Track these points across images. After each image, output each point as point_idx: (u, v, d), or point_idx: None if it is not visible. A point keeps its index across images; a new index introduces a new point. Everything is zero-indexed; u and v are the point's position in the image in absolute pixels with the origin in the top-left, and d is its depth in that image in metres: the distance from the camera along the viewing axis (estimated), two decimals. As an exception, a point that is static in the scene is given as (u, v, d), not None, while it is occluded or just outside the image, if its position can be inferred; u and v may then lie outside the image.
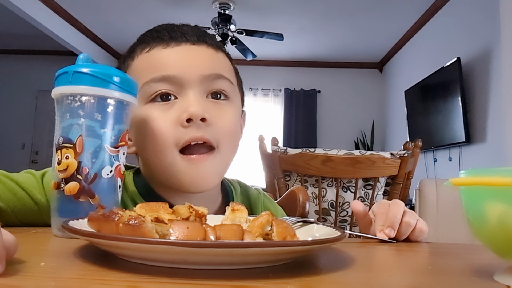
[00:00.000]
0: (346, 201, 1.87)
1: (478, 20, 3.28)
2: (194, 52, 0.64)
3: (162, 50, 0.63)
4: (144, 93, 0.61)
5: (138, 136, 0.63)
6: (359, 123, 5.91)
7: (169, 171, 0.60)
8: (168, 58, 0.63)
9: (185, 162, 0.59)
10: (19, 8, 3.90)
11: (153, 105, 0.61)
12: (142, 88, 0.60)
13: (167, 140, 0.59)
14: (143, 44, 0.65)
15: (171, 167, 0.59)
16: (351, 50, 5.51)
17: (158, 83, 0.60)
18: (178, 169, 0.59)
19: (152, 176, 0.65)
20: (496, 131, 2.96)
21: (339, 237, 0.39)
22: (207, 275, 0.33)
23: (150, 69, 0.62)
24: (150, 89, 0.61)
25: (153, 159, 0.61)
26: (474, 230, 0.37)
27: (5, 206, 0.56)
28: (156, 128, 0.59)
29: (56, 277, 0.32)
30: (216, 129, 0.61)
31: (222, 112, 0.63)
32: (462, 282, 0.37)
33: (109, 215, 0.36)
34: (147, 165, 0.64)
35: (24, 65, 6.12)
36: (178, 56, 0.63)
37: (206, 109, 0.59)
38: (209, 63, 0.64)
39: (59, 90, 0.51)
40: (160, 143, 0.59)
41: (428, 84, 3.99)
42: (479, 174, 0.35)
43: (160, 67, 0.61)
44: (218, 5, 4.24)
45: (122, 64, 0.68)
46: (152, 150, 0.60)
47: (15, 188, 0.57)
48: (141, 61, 0.64)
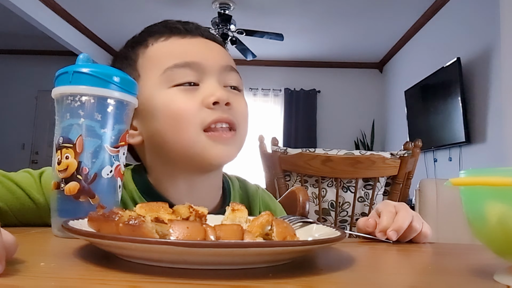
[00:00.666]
0: (346, 201, 1.87)
1: (478, 20, 3.28)
2: (210, 45, 0.69)
3: (180, 39, 0.67)
4: (166, 78, 0.63)
5: (158, 119, 0.63)
6: (359, 123, 5.91)
7: (193, 149, 0.62)
8: (189, 46, 0.67)
9: (210, 139, 0.62)
10: (19, 8, 3.90)
11: (175, 89, 0.63)
12: (164, 73, 0.63)
13: (193, 120, 0.61)
14: (156, 34, 0.68)
15: (195, 145, 0.62)
16: (351, 50, 5.51)
17: (182, 69, 0.63)
18: (203, 145, 0.62)
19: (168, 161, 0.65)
20: (496, 131, 2.96)
21: (339, 237, 0.39)
22: (207, 275, 0.33)
23: (171, 55, 0.65)
24: (173, 74, 0.63)
25: (175, 138, 0.62)
26: (474, 230, 0.37)
27: (4, 206, 0.56)
28: (182, 108, 0.62)
29: (56, 277, 0.32)
30: (236, 113, 0.65)
31: (239, 99, 0.67)
32: (462, 282, 0.37)
33: (109, 215, 0.36)
34: (164, 149, 0.64)
35: (24, 65, 6.12)
36: (198, 46, 0.67)
37: (229, 95, 0.64)
38: (224, 56, 0.69)
39: (59, 90, 0.51)
40: (185, 122, 0.61)
41: (428, 84, 3.99)
42: (479, 174, 0.35)
43: (182, 54, 0.65)
44: (218, 5, 4.24)
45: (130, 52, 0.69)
46: (176, 130, 0.62)
47: (13, 187, 0.57)
48: (159, 48, 0.67)
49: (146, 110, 0.63)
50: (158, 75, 0.63)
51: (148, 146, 0.66)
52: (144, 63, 0.66)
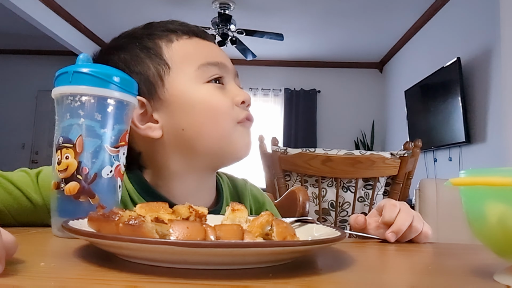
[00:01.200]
0: (346, 201, 1.87)
1: (478, 20, 3.28)
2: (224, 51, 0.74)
3: (202, 41, 0.71)
4: (201, 73, 0.66)
5: (193, 112, 0.64)
6: (359, 123, 5.91)
7: (227, 139, 0.66)
8: (213, 48, 0.71)
9: (241, 128, 0.68)
10: (19, 8, 3.90)
11: (211, 85, 0.66)
12: (199, 69, 0.66)
13: (230, 114, 0.66)
14: (178, 31, 0.69)
15: (231, 135, 0.66)
16: (351, 50, 5.51)
17: (214, 67, 0.67)
18: (236, 136, 0.67)
19: (198, 152, 0.66)
20: (496, 131, 2.96)
21: (339, 237, 0.39)
22: (207, 275, 0.33)
23: (202, 53, 0.68)
24: (208, 70, 0.66)
25: (213, 130, 0.65)
26: (474, 230, 0.37)
27: (1, 206, 0.56)
28: (220, 104, 0.66)
29: (56, 277, 0.32)
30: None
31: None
32: (462, 282, 0.37)
33: (109, 215, 0.36)
34: (196, 140, 0.65)
35: (24, 65, 6.12)
36: (218, 50, 0.72)
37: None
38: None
39: (59, 90, 0.51)
40: (222, 116, 0.66)
41: (428, 84, 3.99)
42: (479, 174, 0.35)
43: (211, 53, 0.69)
44: (218, 5, 4.24)
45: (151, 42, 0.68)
46: (214, 122, 0.65)
47: (10, 187, 0.56)
48: (187, 45, 0.69)
49: (180, 103, 0.65)
50: (193, 70, 0.65)
51: (170, 141, 0.65)
52: (173, 56, 0.67)
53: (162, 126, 0.64)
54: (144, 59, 0.66)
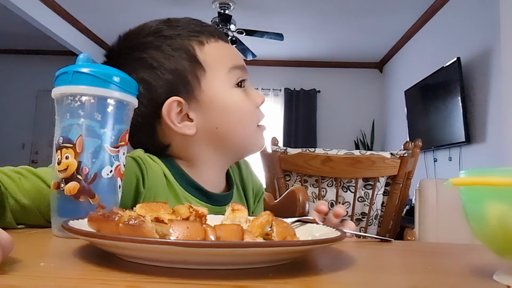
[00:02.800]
0: (346, 201, 1.87)
1: (478, 20, 3.28)
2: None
3: (226, 44, 0.75)
4: (231, 77, 0.71)
5: (227, 114, 0.70)
6: (359, 123, 5.91)
7: (252, 139, 0.74)
8: (235, 51, 0.77)
9: (260, 131, 0.75)
10: (19, 8, 3.90)
11: (239, 90, 0.72)
12: (230, 72, 0.70)
13: (254, 118, 0.73)
14: (206, 33, 0.72)
15: (253, 136, 0.74)
16: (351, 50, 5.51)
17: (238, 70, 0.72)
18: (257, 137, 0.75)
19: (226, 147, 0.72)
20: (496, 131, 2.96)
21: (339, 237, 0.39)
22: (207, 275, 0.33)
23: (230, 57, 0.73)
24: (236, 74, 0.71)
25: (241, 132, 0.72)
26: (474, 230, 0.37)
27: (30, 204, 0.53)
28: (248, 109, 0.72)
29: (56, 277, 0.32)
30: None
31: None
32: (462, 282, 0.37)
33: (109, 215, 0.36)
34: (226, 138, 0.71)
35: (24, 65, 6.12)
36: (238, 52, 0.79)
37: None
38: None
39: (59, 90, 0.50)
40: (250, 119, 0.73)
41: (428, 84, 3.99)
42: (479, 174, 0.35)
43: (235, 57, 0.73)
44: (218, 5, 4.24)
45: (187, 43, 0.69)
46: (243, 126, 0.72)
47: (39, 183, 0.54)
48: (216, 48, 0.72)
49: (216, 105, 0.69)
50: (224, 73, 0.70)
51: (203, 137, 0.70)
52: (206, 59, 0.69)
53: (197, 124, 0.69)
54: (178, 58, 0.68)
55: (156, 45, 0.69)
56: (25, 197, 0.53)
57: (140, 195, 0.63)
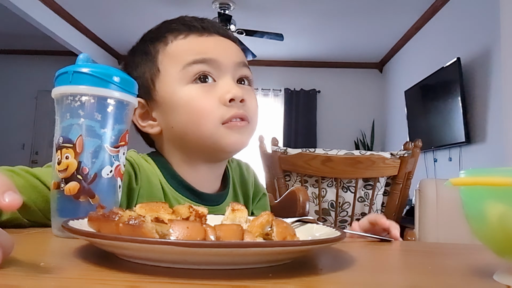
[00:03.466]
0: (346, 201, 1.87)
1: (478, 20, 3.28)
2: (225, 43, 0.73)
3: (198, 37, 0.71)
4: (185, 74, 0.68)
5: (179, 113, 0.68)
6: (359, 123, 5.91)
7: (211, 139, 0.68)
8: (206, 44, 0.71)
9: (227, 129, 0.68)
10: (19, 8, 3.90)
11: (194, 86, 0.68)
12: (184, 69, 0.68)
13: (213, 115, 0.67)
14: (176, 32, 0.72)
15: (214, 135, 0.67)
16: (351, 50, 5.51)
17: (199, 65, 0.68)
18: (220, 135, 0.67)
19: (186, 148, 0.71)
20: (496, 131, 2.96)
21: (339, 237, 0.39)
22: (207, 275, 0.33)
23: (190, 52, 0.69)
24: (192, 69, 0.68)
25: (196, 131, 0.68)
26: (474, 230, 0.37)
27: (29, 201, 0.54)
28: (202, 105, 0.67)
29: (56, 277, 0.32)
30: (249, 109, 0.70)
31: (251, 95, 0.73)
32: (462, 282, 0.37)
33: (109, 215, 0.36)
34: (183, 138, 0.69)
35: (24, 65, 6.12)
36: (214, 44, 0.72)
37: (243, 92, 0.69)
38: (238, 53, 0.74)
39: (59, 90, 0.50)
40: (206, 117, 0.67)
41: (428, 84, 3.99)
42: (479, 174, 0.35)
43: (200, 51, 0.69)
44: (218, 5, 4.24)
45: (149, 48, 0.72)
46: (197, 124, 0.67)
47: (36, 182, 0.55)
48: (178, 46, 0.71)
49: (167, 104, 0.68)
50: (178, 70, 0.68)
51: (166, 136, 0.71)
52: (164, 59, 0.70)
53: (159, 123, 0.70)
54: (140, 64, 0.71)
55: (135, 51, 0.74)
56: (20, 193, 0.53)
57: (133, 192, 0.64)
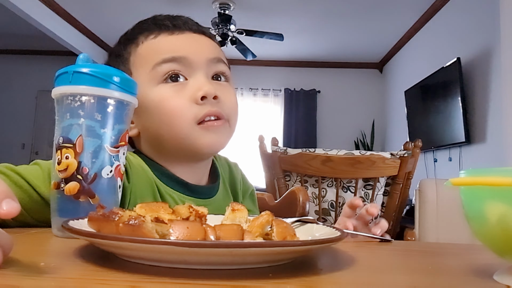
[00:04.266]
0: (346, 201, 1.87)
1: (478, 20, 3.28)
2: (198, 39, 0.71)
3: (168, 36, 0.70)
4: (155, 74, 0.66)
5: (151, 115, 0.67)
6: (359, 123, 5.91)
7: (186, 140, 0.66)
8: (176, 42, 0.69)
9: (202, 130, 0.66)
10: (19, 8, 3.90)
11: (165, 86, 0.66)
12: (153, 69, 0.66)
13: (186, 115, 0.65)
14: (146, 32, 0.71)
15: (189, 136, 0.66)
16: (351, 50, 5.51)
17: (169, 64, 0.66)
18: (196, 136, 0.66)
19: (163, 150, 0.69)
20: (496, 131, 2.96)
21: (339, 237, 0.39)
22: (207, 275, 0.33)
23: (160, 52, 0.67)
24: (161, 69, 0.66)
25: (170, 133, 0.66)
26: (474, 230, 0.37)
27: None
28: (173, 105, 0.65)
29: (56, 277, 0.32)
30: (224, 106, 0.68)
31: (226, 91, 0.70)
32: (462, 282, 0.37)
33: (109, 215, 0.36)
34: (159, 140, 0.68)
35: (24, 65, 6.12)
36: (185, 41, 0.70)
37: (216, 88, 0.67)
38: (211, 49, 0.71)
39: (59, 90, 0.50)
40: (178, 118, 0.65)
41: (428, 84, 3.99)
42: (479, 174, 0.35)
43: (169, 50, 0.68)
44: (218, 5, 4.24)
45: (123, 50, 0.72)
46: (169, 126, 0.65)
47: (20, 181, 0.54)
48: (148, 46, 0.69)
49: (140, 107, 0.65)
50: (148, 71, 0.66)
51: (144, 138, 0.71)
52: (135, 61, 0.70)
53: (137, 126, 0.70)
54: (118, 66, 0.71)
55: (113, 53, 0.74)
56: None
57: (125, 190, 0.63)
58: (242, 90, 5.97)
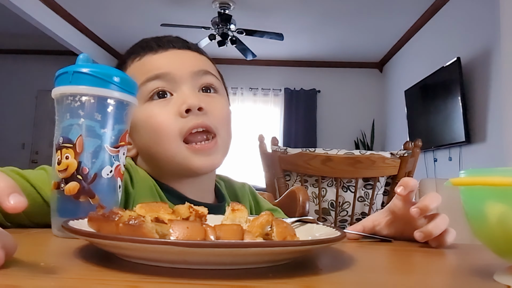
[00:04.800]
0: (346, 201, 1.87)
1: (478, 20, 3.28)
2: (181, 55, 0.72)
3: (152, 56, 0.71)
4: (141, 94, 0.66)
5: (141, 134, 0.68)
6: (359, 123, 5.91)
7: (176, 159, 0.66)
8: (159, 60, 0.70)
9: (190, 151, 0.65)
10: (19, 8, 3.90)
11: (151, 103, 0.67)
12: (140, 89, 0.65)
13: (171, 131, 0.65)
14: (133, 55, 0.72)
15: (177, 156, 0.65)
16: (351, 50, 5.51)
17: (153, 81, 0.67)
18: (184, 156, 0.65)
19: (159, 169, 0.70)
20: (496, 131, 2.96)
21: (339, 237, 0.39)
22: (207, 275, 0.33)
23: (144, 72, 0.68)
24: (146, 88, 0.67)
25: (159, 151, 0.66)
26: (474, 230, 0.37)
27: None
28: (159, 121, 0.65)
29: (56, 277, 0.32)
30: (212, 117, 0.67)
31: (214, 102, 0.69)
32: (462, 282, 0.37)
33: (109, 215, 0.36)
34: (152, 159, 0.69)
35: (24, 65, 6.12)
36: (168, 58, 0.70)
37: (201, 100, 0.66)
38: (196, 62, 0.72)
39: (59, 90, 0.50)
40: (164, 134, 0.65)
41: (428, 84, 3.99)
42: (479, 174, 0.35)
43: (153, 68, 0.68)
44: (218, 5, 4.24)
45: None
46: (157, 143, 0.66)
47: (25, 184, 0.54)
48: (134, 68, 0.71)
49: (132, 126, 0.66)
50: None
51: (141, 158, 0.72)
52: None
53: (134, 147, 0.71)
54: None
55: None
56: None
57: (129, 196, 0.63)
58: (242, 90, 5.97)
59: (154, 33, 0.81)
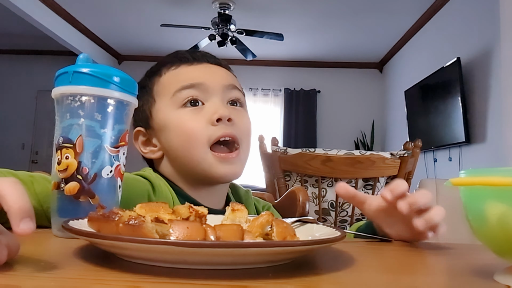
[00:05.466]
0: (346, 201, 1.87)
1: (478, 20, 3.28)
2: (214, 69, 0.78)
3: (188, 67, 0.76)
4: (176, 100, 0.72)
5: (170, 137, 0.72)
6: (359, 123, 5.91)
7: (201, 165, 0.70)
8: (195, 71, 0.76)
9: (215, 159, 0.70)
10: (19, 8, 3.90)
11: (184, 110, 0.71)
12: (174, 96, 0.72)
13: (201, 137, 0.69)
14: (168, 64, 0.77)
15: (203, 162, 0.70)
16: (351, 50, 5.51)
17: (188, 90, 0.72)
18: (210, 163, 0.70)
19: (183, 173, 0.74)
20: (496, 131, 2.96)
21: (339, 237, 0.39)
22: (207, 275, 0.33)
23: (180, 80, 0.74)
24: (181, 95, 0.72)
25: (186, 155, 0.71)
26: (474, 230, 0.37)
27: (38, 205, 0.53)
28: (191, 127, 0.70)
29: (56, 277, 0.32)
30: (238, 129, 0.72)
31: (241, 116, 0.75)
32: (462, 282, 0.37)
33: (109, 215, 0.36)
34: (178, 163, 0.73)
35: (24, 65, 6.12)
36: (202, 70, 0.76)
37: (231, 112, 0.71)
38: (227, 77, 0.78)
39: (59, 90, 0.50)
40: (194, 139, 0.69)
41: (428, 84, 3.99)
42: (479, 174, 0.35)
43: (188, 78, 0.74)
44: (218, 5, 4.24)
45: (147, 81, 0.79)
46: (186, 148, 0.70)
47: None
48: (169, 76, 0.76)
49: (161, 129, 0.73)
50: (168, 98, 0.73)
51: (166, 160, 0.75)
52: (158, 89, 0.76)
53: (160, 149, 0.75)
54: (143, 96, 0.77)
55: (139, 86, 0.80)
56: (34, 199, 0.54)
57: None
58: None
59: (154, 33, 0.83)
